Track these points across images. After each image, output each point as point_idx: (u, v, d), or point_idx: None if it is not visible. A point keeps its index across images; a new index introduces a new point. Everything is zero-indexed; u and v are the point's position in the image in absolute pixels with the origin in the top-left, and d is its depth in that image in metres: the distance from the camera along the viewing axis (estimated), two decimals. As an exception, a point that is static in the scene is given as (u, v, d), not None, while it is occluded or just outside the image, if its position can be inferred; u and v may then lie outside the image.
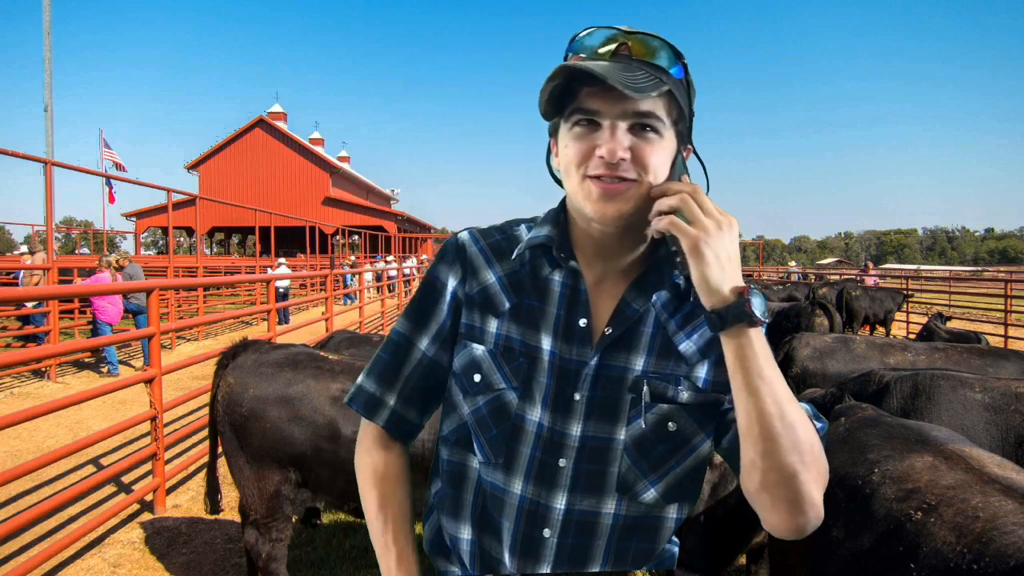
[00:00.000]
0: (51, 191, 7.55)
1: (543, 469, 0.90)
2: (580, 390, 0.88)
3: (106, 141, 19.94)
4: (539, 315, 0.91)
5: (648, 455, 0.89)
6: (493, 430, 0.92)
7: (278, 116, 38.10)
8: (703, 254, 0.76)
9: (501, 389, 0.91)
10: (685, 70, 0.85)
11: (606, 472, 0.89)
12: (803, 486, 0.76)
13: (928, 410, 2.64)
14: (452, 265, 0.96)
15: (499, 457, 0.91)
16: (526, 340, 0.90)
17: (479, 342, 0.93)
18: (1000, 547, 1.24)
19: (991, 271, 50.29)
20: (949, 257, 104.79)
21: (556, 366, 0.89)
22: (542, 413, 0.89)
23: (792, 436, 0.75)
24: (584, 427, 0.88)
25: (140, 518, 3.89)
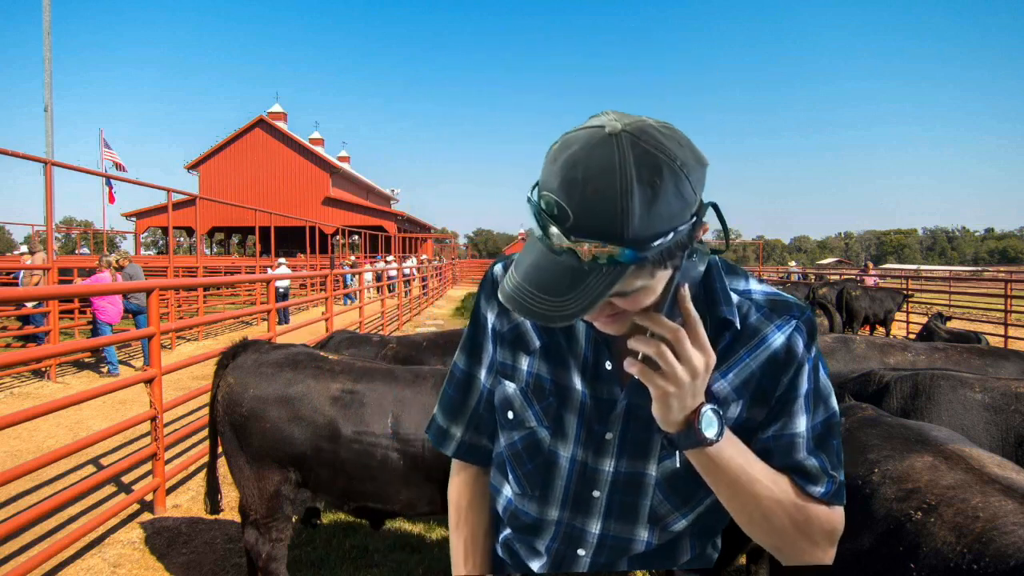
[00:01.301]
0: (51, 191, 7.55)
1: (578, 499, 0.92)
2: (612, 429, 0.88)
3: (106, 141, 19.94)
4: (568, 355, 0.90)
5: (679, 490, 0.90)
6: (528, 465, 0.94)
7: (278, 116, 38.10)
8: (669, 405, 0.75)
9: (533, 426, 0.93)
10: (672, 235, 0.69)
11: (639, 504, 0.91)
12: (788, 557, 0.84)
13: (928, 410, 2.64)
14: (489, 300, 0.97)
15: (535, 490, 0.94)
16: (556, 379, 0.91)
17: (511, 380, 0.94)
18: (1000, 547, 1.24)
19: (991, 271, 50.29)
20: (949, 257, 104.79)
21: (587, 406, 0.89)
22: (575, 450, 0.91)
23: (766, 525, 0.82)
24: (617, 463, 0.90)
25: (140, 518, 3.89)
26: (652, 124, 0.68)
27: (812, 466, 0.84)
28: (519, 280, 0.69)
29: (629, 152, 0.64)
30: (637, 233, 0.65)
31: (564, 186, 0.65)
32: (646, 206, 0.64)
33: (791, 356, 0.83)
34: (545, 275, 0.68)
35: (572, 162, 0.65)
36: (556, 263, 0.67)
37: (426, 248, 44.09)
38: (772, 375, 0.84)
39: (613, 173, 0.63)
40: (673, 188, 0.66)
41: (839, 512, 0.87)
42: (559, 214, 0.66)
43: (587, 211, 0.64)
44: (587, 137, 0.66)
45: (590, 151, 0.65)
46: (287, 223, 28.13)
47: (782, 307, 0.85)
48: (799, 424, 0.84)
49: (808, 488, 0.83)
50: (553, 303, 0.67)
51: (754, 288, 0.88)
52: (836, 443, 0.87)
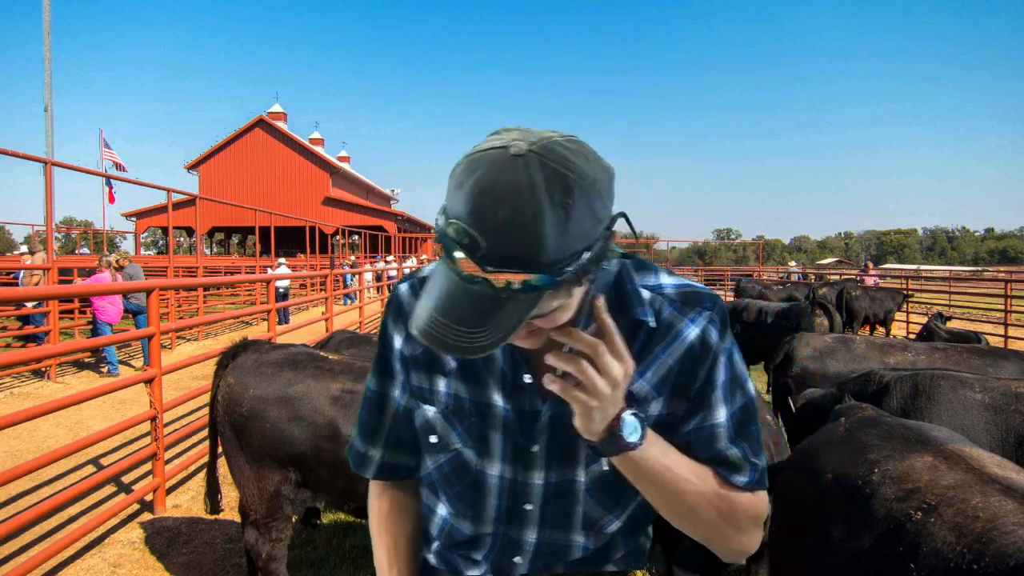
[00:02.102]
0: (51, 191, 7.55)
1: (511, 514, 0.92)
2: (537, 442, 0.87)
3: (106, 141, 19.94)
4: (485, 372, 0.88)
5: (609, 493, 0.90)
6: (457, 486, 0.93)
7: (278, 116, 38.11)
8: (591, 418, 0.75)
9: (458, 448, 0.91)
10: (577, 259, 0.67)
11: (572, 511, 0.91)
12: (716, 547, 0.87)
13: (928, 410, 2.64)
14: (396, 322, 0.94)
15: (467, 511, 0.94)
16: (476, 398, 0.88)
17: (430, 403, 0.92)
18: (1000, 547, 1.24)
19: (991, 271, 50.31)
20: (949, 257, 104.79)
21: (510, 421, 0.88)
22: (502, 467, 0.90)
23: (693, 518, 0.84)
24: (547, 475, 0.89)
25: (140, 518, 3.89)
26: (558, 141, 0.66)
27: (734, 456, 0.86)
28: (432, 312, 0.66)
29: (538, 173, 0.62)
30: (552, 257, 0.63)
31: (473, 213, 0.62)
32: (559, 228, 0.62)
33: (706, 348, 0.84)
34: (459, 306, 0.65)
35: (479, 188, 0.62)
36: (470, 293, 0.65)
37: (426, 248, 44.08)
38: (689, 369, 0.85)
39: (523, 197, 0.61)
40: (585, 207, 0.64)
41: (763, 497, 0.89)
42: (470, 243, 0.63)
43: (499, 239, 0.62)
44: (493, 160, 0.64)
45: (497, 175, 0.62)
46: (287, 223, 28.14)
47: (694, 299, 0.86)
48: (719, 415, 0.85)
49: (732, 478, 0.85)
50: (470, 334, 0.65)
51: (665, 282, 0.88)
52: (755, 429, 0.88)
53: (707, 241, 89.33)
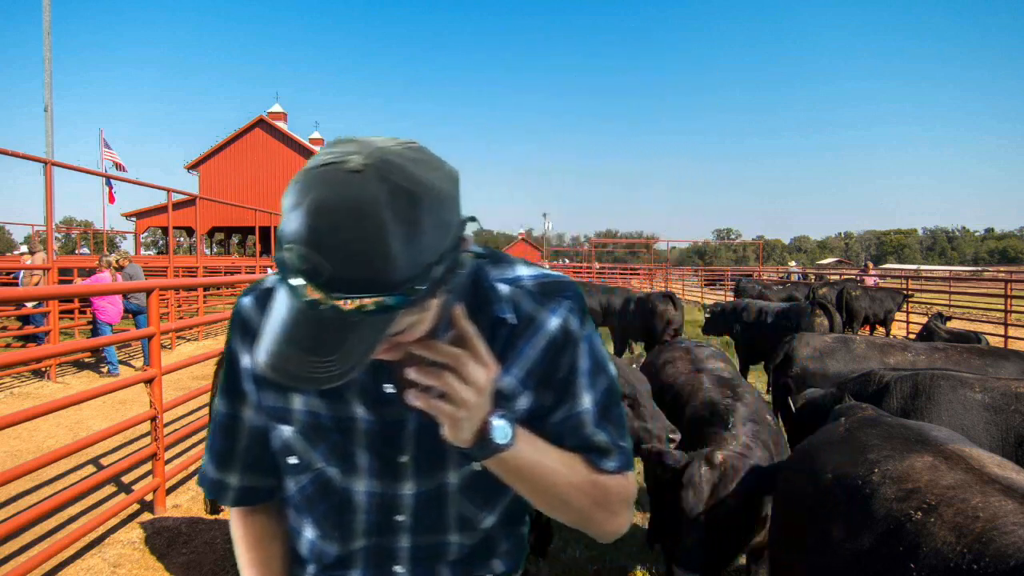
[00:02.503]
0: (51, 191, 7.55)
1: (382, 527, 0.89)
2: (405, 452, 0.85)
3: (106, 141, 19.94)
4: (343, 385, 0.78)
5: (481, 491, 0.89)
6: (322, 506, 0.89)
7: (278, 116, 38.11)
8: (459, 426, 0.73)
9: (320, 468, 0.87)
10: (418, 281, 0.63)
11: (445, 514, 0.89)
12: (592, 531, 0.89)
13: (928, 410, 2.64)
14: (243, 339, 0.89)
15: (334, 531, 0.90)
16: (336, 413, 0.84)
17: (286, 423, 0.87)
18: (1000, 547, 1.24)
19: (991, 271, 50.31)
20: (949, 257, 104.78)
21: (374, 434, 0.84)
22: (369, 482, 0.86)
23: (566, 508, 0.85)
24: (417, 484, 0.86)
25: (140, 518, 3.89)
26: (397, 151, 0.62)
27: (602, 441, 0.86)
28: (277, 342, 0.61)
29: (378, 189, 0.58)
30: (402, 275, 0.59)
31: (312, 237, 0.58)
32: (407, 245, 0.59)
33: (568, 337, 0.84)
34: (306, 335, 0.60)
35: (317, 208, 0.58)
36: (317, 320, 0.60)
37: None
38: (552, 359, 0.84)
39: (364, 216, 0.57)
40: (433, 218, 0.61)
41: (631, 478, 0.91)
42: (311, 269, 0.58)
43: (343, 262, 0.57)
44: (327, 177, 0.59)
45: (335, 193, 0.58)
46: (287, 223, 28.04)
47: (553, 289, 0.85)
48: (584, 402, 0.86)
49: (601, 464, 0.86)
50: (321, 364, 0.61)
51: (523, 274, 0.86)
52: (618, 411, 0.89)
53: (707, 241, 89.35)
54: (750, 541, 2.37)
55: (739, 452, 2.35)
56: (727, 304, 8.84)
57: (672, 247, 60.98)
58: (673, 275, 31.28)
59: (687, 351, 3.68)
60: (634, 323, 8.84)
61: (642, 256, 53.54)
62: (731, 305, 8.56)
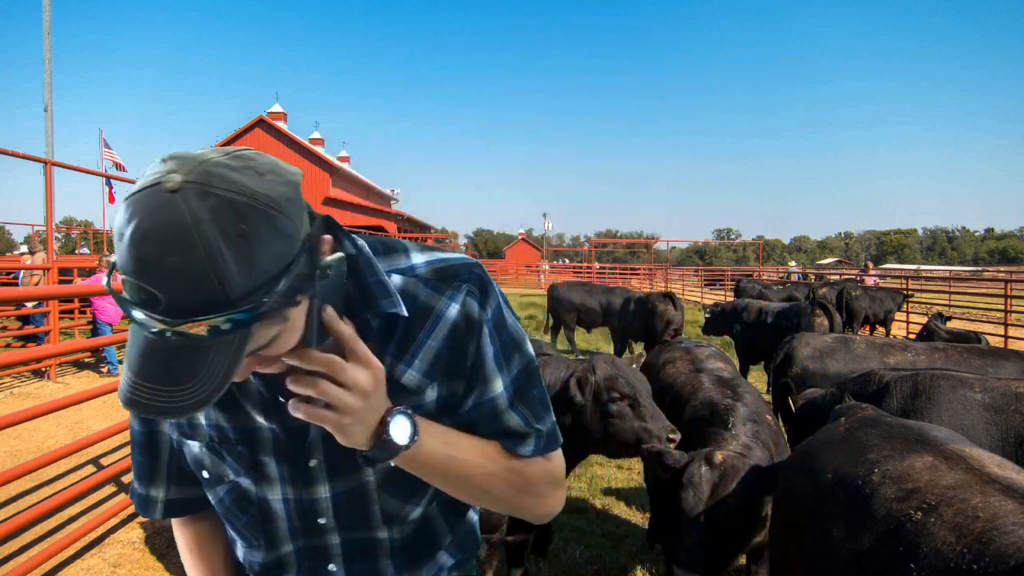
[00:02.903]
0: (51, 191, 7.55)
1: (306, 531, 0.88)
2: (314, 456, 0.83)
3: (106, 141, 19.93)
4: (241, 397, 0.81)
5: (401, 486, 0.87)
6: (243, 517, 0.89)
7: (278, 116, 38.09)
8: (350, 432, 0.71)
9: (233, 480, 0.86)
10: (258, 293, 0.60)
11: (369, 512, 0.87)
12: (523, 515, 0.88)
13: (928, 410, 2.64)
14: None
15: (258, 539, 0.90)
16: (239, 425, 0.83)
17: (192, 438, 0.86)
18: (1000, 547, 1.24)
19: (991, 271, 50.31)
20: (949, 257, 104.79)
21: (280, 441, 0.83)
22: (284, 489, 0.85)
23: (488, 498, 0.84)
24: (332, 486, 0.85)
25: (140, 518, 3.89)
26: (218, 162, 0.59)
27: (517, 425, 0.84)
28: (131, 376, 0.59)
29: (200, 206, 0.55)
30: (244, 291, 0.57)
31: (140, 267, 0.55)
32: (243, 260, 0.56)
33: (470, 323, 0.81)
34: (158, 365, 0.58)
35: (140, 236, 0.55)
36: (167, 349, 0.57)
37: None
38: (457, 348, 0.81)
39: (189, 237, 0.54)
40: (268, 229, 0.58)
41: (555, 458, 0.88)
42: (147, 299, 0.56)
43: (176, 289, 0.55)
44: (147, 201, 0.56)
45: (155, 217, 0.55)
46: (287, 223, 28.05)
47: (450, 275, 0.82)
48: (495, 387, 0.83)
49: (518, 449, 0.84)
50: (178, 393, 0.58)
51: (417, 262, 0.83)
52: (536, 391, 0.86)
53: (707, 241, 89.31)
54: (750, 541, 2.37)
55: (739, 452, 2.35)
56: (727, 304, 8.84)
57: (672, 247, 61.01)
58: (673, 275, 31.27)
59: (687, 351, 3.68)
60: (634, 323, 8.84)
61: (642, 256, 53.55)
62: (731, 305, 8.56)
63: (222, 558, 0.99)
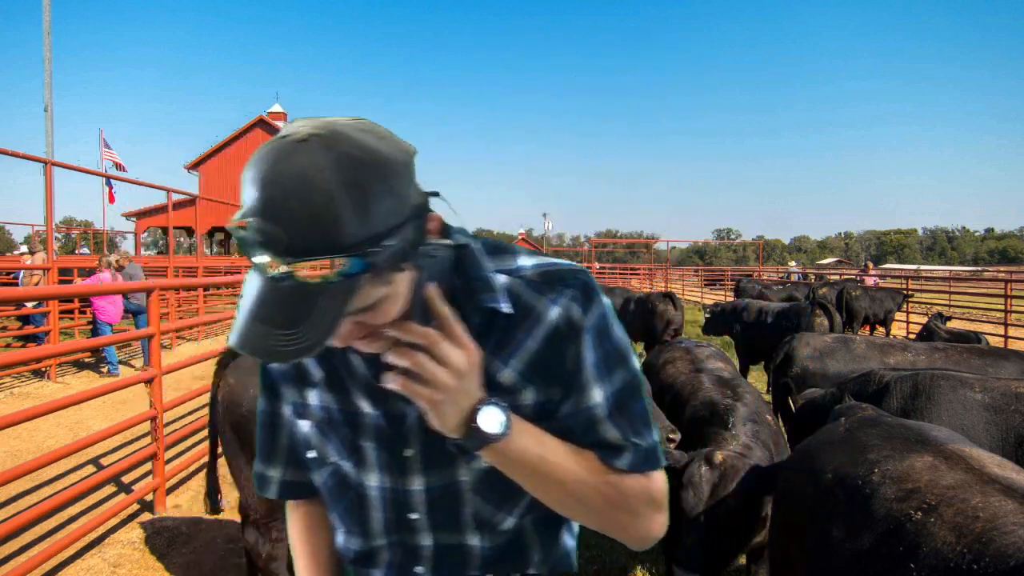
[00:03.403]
0: (51, 191, 7.55)
1: (399, 526, 0.89)
2: (410, 446, 0.84)
3: (106, 141, 19.95)
4: (348, 379, 0.85)
5: (495, 489, 0.86)
6: (342, 501, 0.91)
7: (278, 116, 38.09)
8: (442, 411, 0.72)
9: (335, 462, 0.89)
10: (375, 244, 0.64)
11: (461, 513, 0.87)
12: (616, 534, 0.83)
13: (928, 410, 2.64)
14: None
15: (355, 526, 0.91)
16: (345, 407, 0.85)
17: (304, 417, 0.89)
18: (1000, 547, 1.24)
19: (991, 271, 50.28)
20: (949, 257, 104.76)
21: (381, 427, 0.84)
22: (380, 477, 0.86)
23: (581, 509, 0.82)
24: (427, 480, 0.85)
25: (140, 518, 3.89)
26: (344, 123, 0.65)
27: (614, 438, 0.81)
28: (246, 318, 0.63)
29: (323, 156, 0.60)
30: (356, 238, 0.61)
31: (265, 207, 0.60)
32: (358, 209, 0.60)
33: (572, 327, 0.80)
34: (271, 308, 0.62)
35: (267, 179, 0.60)
36: (279, 291, 0.61)
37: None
38: (556, 351, 0.80)
39: (312, 181, 0.59)
40: (381, 185, 0.62)
41: (656, 477, 0.84)
42: (267, 239, 0.60)
43: (296, 229, 0.60)
44: (277, 150, 0.62)
45: (282, 164, 0.60)
46: (287, 223, 28.05)
47: (555, 278, 0.81)
48: (594, 395, 0.81)
49: (613, 462, 0.81)
50: (287, 337, 0.61)
51: (524, 264, 0.83)
52: (638, 406, 0.84)
53: (707, 241, 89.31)
54: (750, 541, 2.37)
55: (739, 452, 2.35)
56: (727, 304, 8.85)
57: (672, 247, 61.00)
58: (673, 275, 31.27)
59: (687, 351, 3.68)
60: (634, 323, 8.84)
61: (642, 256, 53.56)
62: (731, 305, 8.56)
63: (327, 546, 1.01)
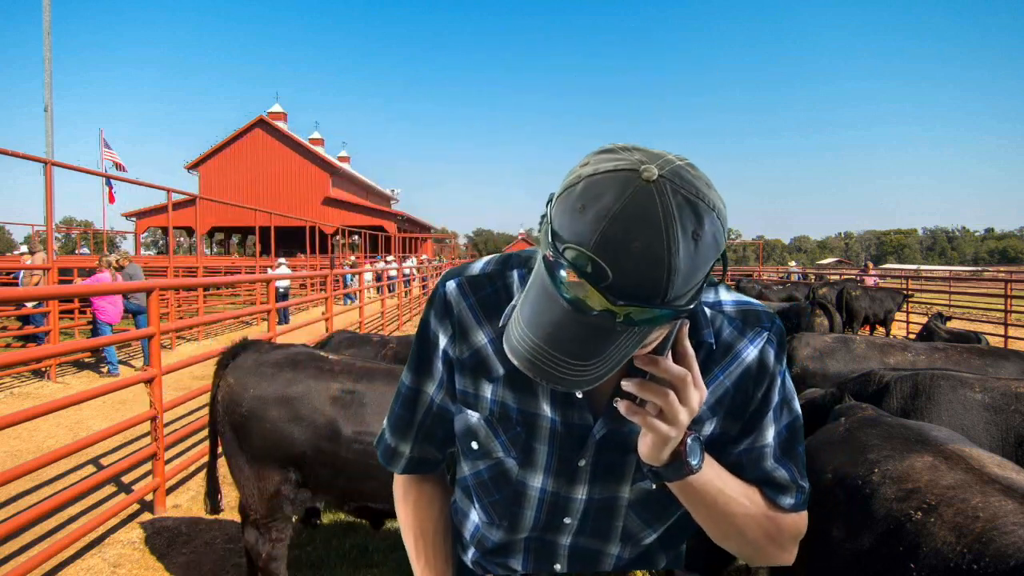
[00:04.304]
0: (51, 191, 7.55)
1: (548, 526, 0.90)
2: (585, 456, 0.85)
3: (106, 141, 19.93)
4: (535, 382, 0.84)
5: (652, 510, 0.89)
6: (496, 495, 0.92)
7: (278, 116, 38.10)
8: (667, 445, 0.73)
9: (500, 457, 0.89)
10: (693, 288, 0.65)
11: (611, 526, 0.90)
12: (762, 560, 0.86)
13: (928, 410, 2.64)
14: (442, 321, 0.90)
15: (503, 520, 0.92)
16: (523, 407, 0.86)
17: (473, 408, 0.89)
18: (1000, 547, 1.24)
19: (991, 271, 50.28)
20: (949, 257, 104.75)
21: (558, 433, 0.85)
22: (545, 479, 0.88)
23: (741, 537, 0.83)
24: (590, 490, 0.87)
25: (140, 518, 3.89)
26: (683, 166, 0.62)
27: (782, 477, 0.85)
28: (537, 341, 0.62)
29: (671, 202, 0.58)
30: (679, 291, 0.59)
31: (602, 243, 0.57)
32: (689, 260, 0.59)
33: (763, 370, 0.83)
34: (572, 338, 0.61)
35: (611, 215, 0.58)
36: (584, 325, 0.60)
37: (426, 248, 44.08)
38: (744, 390, 0.83)
39: (659, 228, 0.57)
40: (711, 238, 0.61)
41: (804, 516, 0.89)
42: (594, 273, 0.58)
43: (631, 271, 0.57)
44: (622, 185, 0.59)
45: (630, 202, 0.58)
46: (287, 223, 28.12)
47: (753, 319, 0.84)
48: (768, 435, 0.85)
49: (779, 500, 0.85)
50: (579, 367, 0.61)
51: (724, 299, 0.85)
52: (801, 449, 0.88)
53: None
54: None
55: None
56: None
57: (672, 247, 60.60)
58: (673, 275, 31.14)
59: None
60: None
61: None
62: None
63: (434, 521, 1.02)
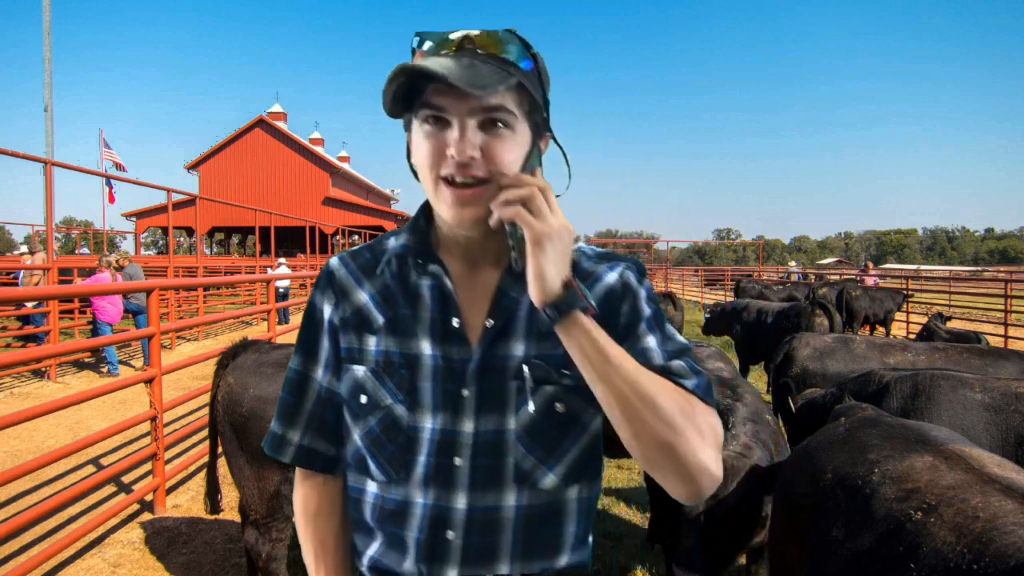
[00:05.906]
0: (51, 191, 7.56)
1: (440, 472, 0.88)
2: (468, 386, 0.88)
3: (106, 141, 19.94)
4: (414, 323, 0.90)
5: (540, 440, 0.89)
6: (390, 447, 0.91)
7: (278, 116, 38.09)
8: (545, 249, 0.77)
9: (389, 404, 0.90)
10: (536, 61, 0.85)
11: (503, 464, 0.88)
12: (684, 455, 0.78)
13: (928, 410, 2.64)
14: (325, 292, 0.96)
15: (399, 472, 0.90)
16: (404, 350, 0.90)
17: (360, 363, 0.93)
18: (1000, 547, 1.24)
19: (991, 271, 50.28)
20: (949, 257, 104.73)
21: (440, 368, 0.88)
22: (433, 418, 0.89)
23: (654, 410, 0.77)
24: (476, 423, 0.88)
25: (140, 518, 3.89)
26: None
27: (677, 366, 0.85)
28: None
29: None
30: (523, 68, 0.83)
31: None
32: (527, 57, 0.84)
33: (627, 287, 0.90)
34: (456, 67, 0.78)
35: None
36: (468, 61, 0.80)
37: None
38: (612, 307, 0.89)
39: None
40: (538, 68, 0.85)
41: (716, 415, 0.85)
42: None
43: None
44: None
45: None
46: (287, 223, 28.14)
47: (612, 256, 0.95)
48: (649, 342, 0.87)
49: (682, 381, 0.83)
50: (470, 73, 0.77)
51: (584, 247, 0.96)
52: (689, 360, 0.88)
53: (707, 241, 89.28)
54: (750, 541, 2.37)
55: (739, 452, 2.35)
56: (727, 304, 8.84)
57: (672, 247, 60.96)
58: (673, 275, 31.27)
59: (687, 351, 3.67)
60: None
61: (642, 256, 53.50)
62: (731, 305, 8.56)
63: (335, 530, 1.02)
